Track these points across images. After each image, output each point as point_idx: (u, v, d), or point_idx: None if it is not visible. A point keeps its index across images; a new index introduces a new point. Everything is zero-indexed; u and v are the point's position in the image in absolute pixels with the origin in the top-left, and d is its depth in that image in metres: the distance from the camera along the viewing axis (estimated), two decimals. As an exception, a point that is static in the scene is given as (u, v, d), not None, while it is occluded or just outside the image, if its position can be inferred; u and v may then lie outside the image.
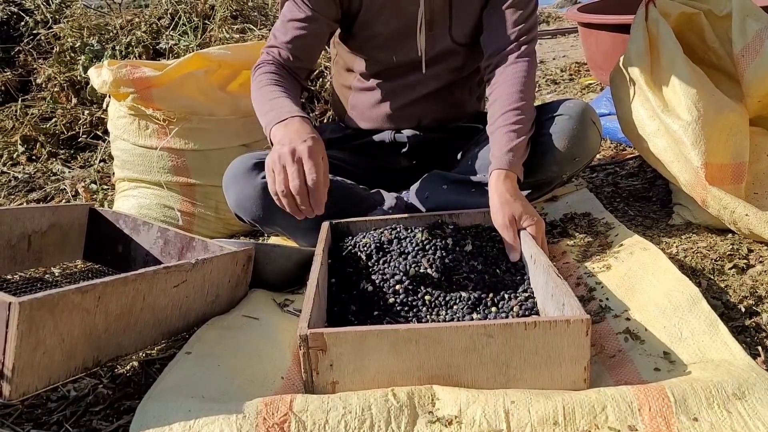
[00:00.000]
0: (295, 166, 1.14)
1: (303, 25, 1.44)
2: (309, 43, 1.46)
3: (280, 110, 1.29)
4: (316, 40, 1.48)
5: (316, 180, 1.14)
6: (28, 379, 0.85)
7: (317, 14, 1.44)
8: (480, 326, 0.93)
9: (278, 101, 1.33)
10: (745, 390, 0.87)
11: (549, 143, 1.43)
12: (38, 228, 1.41)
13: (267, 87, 1.38)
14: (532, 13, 1.47)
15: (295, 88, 1.44)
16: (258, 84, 1.41)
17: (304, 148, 1.15)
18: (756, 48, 1.38)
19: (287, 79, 1.43)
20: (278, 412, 0.87)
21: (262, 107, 1.35)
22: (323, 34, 1.49)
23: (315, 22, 1.44)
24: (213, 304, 1.20)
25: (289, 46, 1.44)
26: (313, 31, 1.45)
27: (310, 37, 1.45)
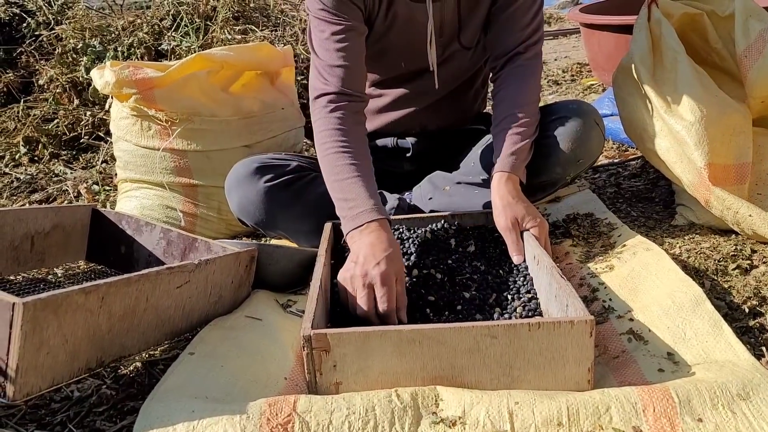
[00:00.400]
0: (365, 291, 1.10)
1: (343, 36, 1.35)
2: (357, 53, 1.37)
3: (353, 205, 1.23)
4: (362, 49, 1.39)
5: (387, 308, 1.10)
6: (32, 379, 0.85)
7: (352, 21, 1.36)
8: (483, 327, 0.93)
9: (349, 186, 1.26)
10: (750, 391, 0.87)
11: (553, 145, 1.43)
12: (41, 229, 1.41)
13: (332, 156, 1.29)
14: (538, 15, 1.47)
15: (362, 140, 1.35)
16: (321, 142, 1.32)
17: (376, 274, 1.11)
18: (759, 48, 1.38)
19: (353, 132, 1.33)
20: (282, 413, 0.87)
21: (332, 185, 1.29)
22: (363, 40, 1.40)
23: (353, 30, 1.36)
24: (216, 304, 1.20)
25: (338, 62, 1.34)
26: (356, 40, 1.37)
27: (356, 47, 1.37)
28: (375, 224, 1.20)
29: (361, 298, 1.11)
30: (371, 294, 1.10)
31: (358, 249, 1.17)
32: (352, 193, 1.25)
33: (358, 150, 1.32)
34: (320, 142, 1.32)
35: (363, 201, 1.23)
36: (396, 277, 1.13)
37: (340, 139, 1.31)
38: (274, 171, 1.46)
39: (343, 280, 1.15)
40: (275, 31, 3.26)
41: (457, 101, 1.64)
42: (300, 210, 1.46)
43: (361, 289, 1.11)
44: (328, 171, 1.30)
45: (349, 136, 1.32)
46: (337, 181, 1.27)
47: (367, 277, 1.11)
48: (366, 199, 1.24)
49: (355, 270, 1.12)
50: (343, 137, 1.31)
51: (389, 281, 1.11)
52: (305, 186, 1.47)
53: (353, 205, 1.23)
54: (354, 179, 1.26)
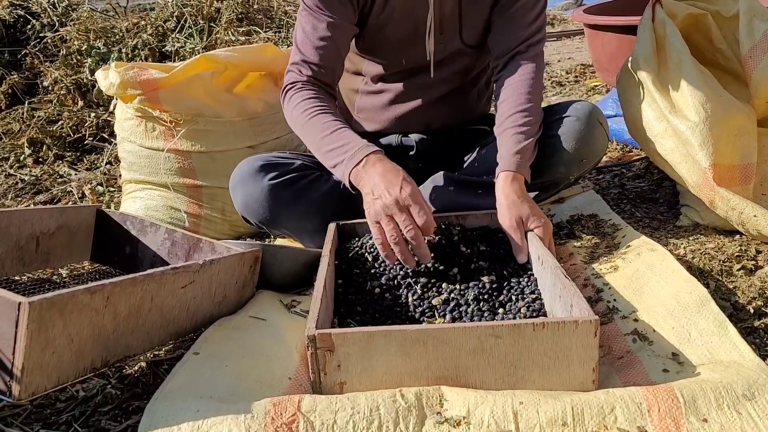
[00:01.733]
0: (404, 214, 1.13)
1: (326, 34, 1.39)
2: (335, 50, 1.41)
3: (347, 148, 1.26)
4: (342, 46, 1.43)
5: (427, 220, 1.13)
6: (38, 379, 0.85)
7: (338, 20, 1.39)
8: (488, 327, 0.93)
9: (337, 135, 1.29)
10: (755, 391, 0.86)
11: (556, 145, 1.43)
12: (46, 229, 1.41)
13: (316, 117, 1.33)
14: (541, 15, 1.47)
15: (336, 108, 1.39)
16: (300, 111, 1.36)
17: (406, 195, 1.14)
18: (764, 49, 1.38)
19: (328, 101, 1.38)
20: (286, 413, 0.87)
21: (319, 143, 1.31)
22: (347, 39, 1.45)
23: (338, 29, 1.40)
24: (220, 305, 1.20)
25: (316, 57, 1.39)
26: (337, 37, 1.40)
27: (335, 44, 1.40)
28: (374, 156, 1.23)
29: (403, 222, 1.13)
30: (409, 215, 1.13)
31: (372, 182, 1.18)
32: (343, 139, 1.28)
33: (336, 113, 1.36)
34: (299, 111, 1.36)
35: (355, 142, 1.26)
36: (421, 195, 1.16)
37: (318, 104, 1.35)
38: (279, 169, 1.46)
39: (375, 215, 1.15)
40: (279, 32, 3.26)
41: (461, 100, 1.64)
42: (304, 208, 1.46)
43: (400, 214, 1.13)
44: (313, 131, 1.32)
45: (324, 101, 1.37)
46: (325, 136, 1.30)
47: (400, 201, 1.13)
48: (357, 140, 1.27)
49: (385, 200, 1.14)
50: (320, 102, 1.36)
51: (420, 199, 1.14)
52: (309, 184, 1.48)
53: (347, 148, 1.26)
54: (341, 129, 1.30)
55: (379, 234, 1.17)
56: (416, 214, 1.13)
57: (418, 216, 1.13)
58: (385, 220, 1.15)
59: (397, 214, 1.13)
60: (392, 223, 1.15)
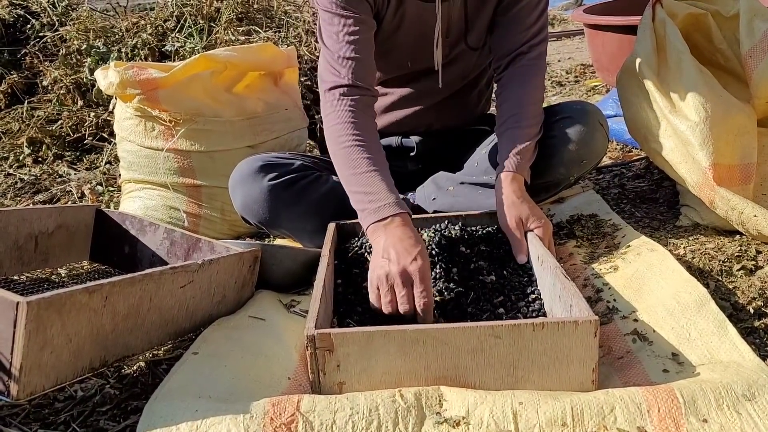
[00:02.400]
0: (405, 290, 1.07)
1: (355, 28, 1.34)
2: (366, 45, 1.36)
3: (374, 198, 1.21)
4: (371, 42, 1.38)
5: (427, 304, 1.07)
6: (36, 378, 0.85)
7: (363, 15, 1.36)
8: (488, 327, 0.93)
9: (368, 179, 1.23)
10: (755, 391, 0.86)
11: (556, 145, 1.43)
12: (45, 229, 1.41)
13: (350, 149, 1.27)
14: (542, 15, 1.47)
15: (375, 135, 1.34)
16: (336, 136, 1.30)
17: (415, 269, 1.08)
18: (764, 48, 1.37)
19: (366, 126, 1.32)
20: (285, 413, 0.87)
21: (348, 179, 1.27)
22: (372, 34, 1.39)
23: (365, 24, 1.36)
24: (219, 304, 1.20)
25: (349, 54, 1.33)
26: (366, 31, 1.36)
27: (365, 39, 1.36)
28: (399, 218, 1.17)
29: (401, 298, 1.07)
30: (411, 293, 1.08)
31: (387, 244, 1.13)
32: (372, 186, 1.22)
33: (372, 143, 1.30)
34: (334, 136, 1.30)
35: (385, 194, 1.21)
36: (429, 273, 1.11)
37: (354, 132, 1.29)
38: (278, 169, 1.46)
39: (377, 279, 1.10)
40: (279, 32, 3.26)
41: (462, 101, 1.64)
42: (303, 209, 1.46)
43: (401, 288, 1.08)
44: (344, 164, 1.27)
45: (362, 129, 1.30)
46: (355, 174, 1.25)
47: (406, 275, 1.08)
48: (387, 192, 1.21)
49: (391, 267, 1.08)
50: (357, 130, 1.29)
51: (427, 279, 1.08)
52: (309, 185, 1.48)
53: (374, 198, 1.20)
54: (372, 173, 1.24)
55: (375, 301, 1.12)
56: (417, 293, 1.07)
57: (419, 296, 1.07)
58: (384, 288, 1.09)
59: (399, 286, 1.08)
60: (391, 294, 1.09)
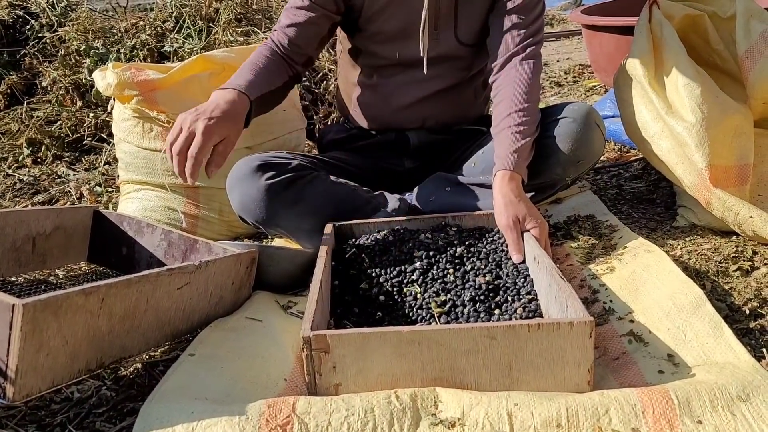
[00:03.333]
0: (185, 134, 1.21)
1: (302, 13, 1.50)
2: (306, 30, 1.51)
3: (232, 81, 1.38)
4: (315, 29, 1.52)
5: (195, 157, 1.19)
6: (32, 380, 0.85)
7: (316, 5, 1.49)
8: (483, 328, 0.93)
9: (240, 75, 1.41)
10: (750, 393, 0.87)
11: (553, 146, 1.43)
12: (42, 230, 1.41)
13: (246, 64, 1.46)
14: (539, 16, 1.47)
15: (275, 71, 1.49)
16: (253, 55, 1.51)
17: (202, 125, 1.21)
18: (760, 49, 1.38)
19: (272, 61, 1.49)
20: (281, 414, 0.87)
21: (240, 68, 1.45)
22: (322, 24, 1.53)
23: (314, 11, 1.50)
24: (216, 306, 1.20)
25: (287, 31, 1.51)
26: (311, 19, 1.50)
27: (308, 24, 1.51)
28: (235, 92, 1.33)
29: (180, 139, 1.21)
30: (189, 138, 1.20)
31: (210, 100, 1.30)
32: (237, 77, 1.41)
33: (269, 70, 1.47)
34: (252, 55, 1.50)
35: (240, 81, 1.38)
36: (220, 138, 1.23)
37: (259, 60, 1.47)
38: (276, 169, 1.46)
39: (180, 117, 1.24)
40: (277, 32, 3.25)
41: (457, 97, 1.64)
42: (301, 208, 1.46)
43: (184, 132, 1.21)
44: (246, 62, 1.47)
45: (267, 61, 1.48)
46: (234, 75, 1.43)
47: (193, 125, 1.21)
48: (244, 81, 1.38)
49: (189, 114, 1.24)
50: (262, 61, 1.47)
51: (208, 136, 1.21)
52: (306, 184, 1.48)
53: (230, 82, 1.38)
54: (247, 73, 1.42)
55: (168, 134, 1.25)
56: (194, 143, 1.20)
57: (193, 145, 1.19)
58: (177, 127, 1.23)
59: (184, 131, 1.21)
60: (176, 132, 1.22)
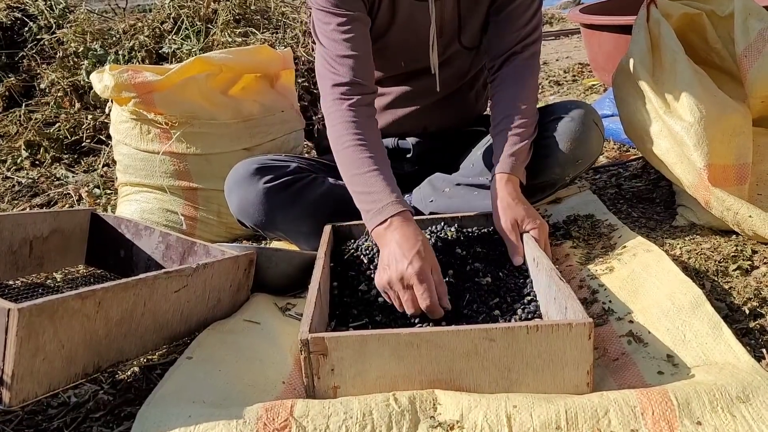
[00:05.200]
0: (407, 293, 1.12)
1: (349, 27, 1.34)
2: (362, 42, 1.36)
3: (376, 198, 1.23)
4: (367, 39, 1.38)
5: (431, 303, 1.11)
6: (28, 385, 0.85)
7: (358, 13, 1.36)
8: (482, 330, 0.92)
9: (369, 178, 1.26)
10: (750, 393, 0.86)
11: (551, 146, 1.43)
12: (40, 233, 1.41)
13: (351, 149, 1.29)
14: (536, 15, 1.47)
15: (376, 133, 1.35)
16: (337, 136, 1.32)
17: (411, 273, 1.11)
18: (759, 48, 1.37)
19: (367, 125, 1.33)
20: (279, 418, 0.86)
21: (351, 179, 1.29)
22: (368, 32, 1.39)
23: (358, 21, 1.36)
24: (214, 308, 1.20)
25: (345, 52, 1.33)
26: (361, 29, 1.36)
27: (361, 36, 1.36)
28: (398, 218, 1.20)
29: (406, 301, 1.13)
30: (413, 293, 1.12)
31: (388, 248, 1.18)
32: (374, 186, 1.25)
33: (373, 142, 1.32)
34: (336, 135, 1.32)
35: (385, 195, 1.24)
36: (431, 269, 1.14)
37: (356, 131, 1.30)
38: (274, 172, 1.46)
39: (382, 288, 1.17)
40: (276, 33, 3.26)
41: (459, 102, 1.63)
42: (299, 211, 1.46)
43: (403, 292, 1.13)
44: (347, 164, 1.30)
45: (364, 128, 1.32)
46: (357, 174, 1.27)
47: (404, 279, 1.12)
48: (388, 192, 1.24)
49: (391, 274, 1.14)
50: (359, 130, 1.31)
51: (426, 277, 1.12)
52: (305, 187, 1.47)
53: (376, 198, 1.24)
54: (373, 172, 1.26)
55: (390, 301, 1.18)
56: (419, 295, 1.11)
57: (421, 297, 1.11)
58: (392, 294, 1.16)
59: (401, 291, 1.13)
60: (398, 300, 1.15)
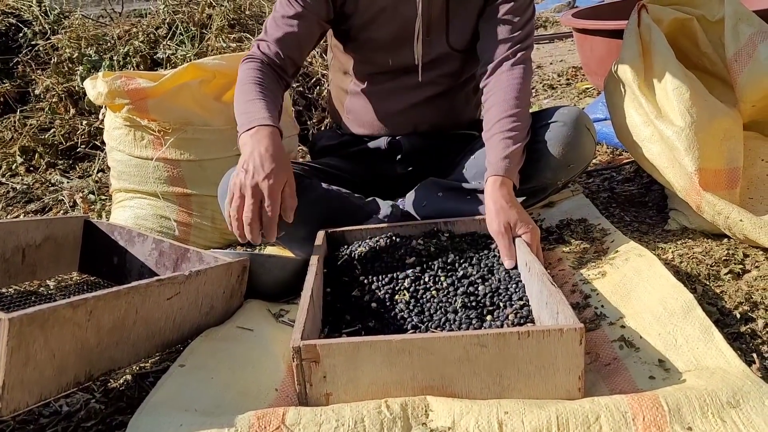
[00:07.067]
0: (252, 200, 1.18)
1: (293, 21, 1.45)
2: (298, 39, 1.47)
3: (252, 115, 1.31)
4: (306, 38, 1.48)
5: (271, 216, 1.19)
6: (19, 395, 0.85)
7: (307, 11, 1.45)
8: (473, 336, 0.92)
9: (253, 103, 1.35)
10: (740, 398, 0.86)
11: (543, 150, 1.43)
12: (32, 241, 1.41)
13: (248, 85, 1.40)
14: (529, 21, 1.47)
15: (276, 88, 1.44)
16: (240, 79, 1.43)
17: (265, 186, 1.19)
18: (749, 53, 1.38)
19: (270, 78, 1.44)
20: (270, 426, 0.86)
21: (239, 106, 1.37)
22: (313, 32, 1.49)
23: (305, 19, 1.45)
24: (208, 315, 1.19)
25: (277, 41, 1.46)
26: (303, 28, 1.46)
27: (299, 33, 1.46)
28: (266, 129, 1.27)
29: (248, 206, 1.18)
30: (257, 204, 1.18)
31: (249, 156, 1.23)
32: (254, 108, 1.33)
33: (271, 89, 1.40)
34: (240, 84, 1.41)
35: (261, 113, 1.31)
36: (284, 186, 1.21)
37: (259, 78, 1.40)
38: None
39: (233, 186, 1.21)
40: (270, 38, 3.25)
41: (448, 103, 1.64)
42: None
43: (249, 198, 1.18)
44: (239, 96, 1.38)
45: (265, 78, 1.42)
46: (244, 102, 1.36)
47: (257, 188, 1.19)
48: (264, 111, 1.31)
49: (246, 179, 1.19)
50: (261, 77, 1.41)
51: (276, 194, 1.19)
52: (298, 193, 1.47)
53: (252, 117, 1.30)
54: (258, 100, 1.35)
55: (228, 204, 1.22)
56: (265, 205, 1.18)
57: (267, 207, 1.18)
58: (237, 194, 1.20)
59: (248, 198, 1.18)
60: (240, 201, 1.19)
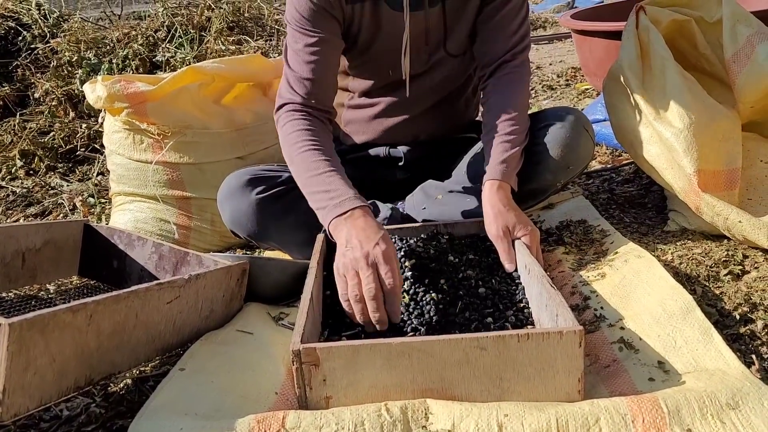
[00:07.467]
0: (369, 270, 1.07)
1: (317, 49, 1.36)
2: (327, 66, 1.38)
3: (335, 195, 1.22)
4: (333, 62, 1.41)
5: (393, 284, 1.07)
6: (20, 399, 0.85)
7: (327, 35, 1.37)
8: (473, 339, 0.93)
9: (327, 179, 1.25)
10: (739, 400, 0.86)
11: (542, 152, 1.43)
12: (32, 245, 1.41)
13: (306, 153, 1.29)
14: (525, 22, 1.48)
15: (332, 146, 1.36)
16: (291, 143, 1.32)
17: (378, 252, 1.09)
18: (747, 53, 1.38)
19: (324, 135, 1.35)
20: (270, 429, 0.87)
21: (306, 182, 1.28)
22: (337, 53, 1.43)
23: (327, 44, 1.37)
24: (207, 319, 1.20)
25: (309, 73, 1.36)
26: (328, 52, 1.38)
27: (327, 59, 1.38)
28: (360, 210, 1.19)
29: (366, 278, 1.07)
30: (375, 273, 1.07)
31: (349, 234, 1.14)
32: (332, 185, 1.24)
33: (328, 149, 1.32)
34: (290, 143, 1.32)
35: (344, 191, 1.23)
36: (395, 257, 1.11)
37: (311, 138, 1.31)
38: (266, 183, 1.46)
39: (343, 266, 1.11)
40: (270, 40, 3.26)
41: (449, 109, 1.64)
42: (292, 221, 1.46)
43: (366, 269, 1.07)
44: (302, 168, 1.29)
45: (318, 136, 1.33)
46: (314, 176, 1.26)
47: (370, 257, 1.08)
48: (347, 188, 1.23)
49: (355, 253, 1.09)
50: (314, 137, 1.32)
51: (392, 261, 1.09)
52: (297, 197, 1.47)
53: (334, 195, 1.22)
54: (331, 173, 1.26)
55: (343, 289, 1.11)
56: (383, 274, 1.07)
57: (384, 276, 1.07)
58: (350, 273, 1.09)
59: (363, 269, 1.07)
60: (356, 278, 1.08)
